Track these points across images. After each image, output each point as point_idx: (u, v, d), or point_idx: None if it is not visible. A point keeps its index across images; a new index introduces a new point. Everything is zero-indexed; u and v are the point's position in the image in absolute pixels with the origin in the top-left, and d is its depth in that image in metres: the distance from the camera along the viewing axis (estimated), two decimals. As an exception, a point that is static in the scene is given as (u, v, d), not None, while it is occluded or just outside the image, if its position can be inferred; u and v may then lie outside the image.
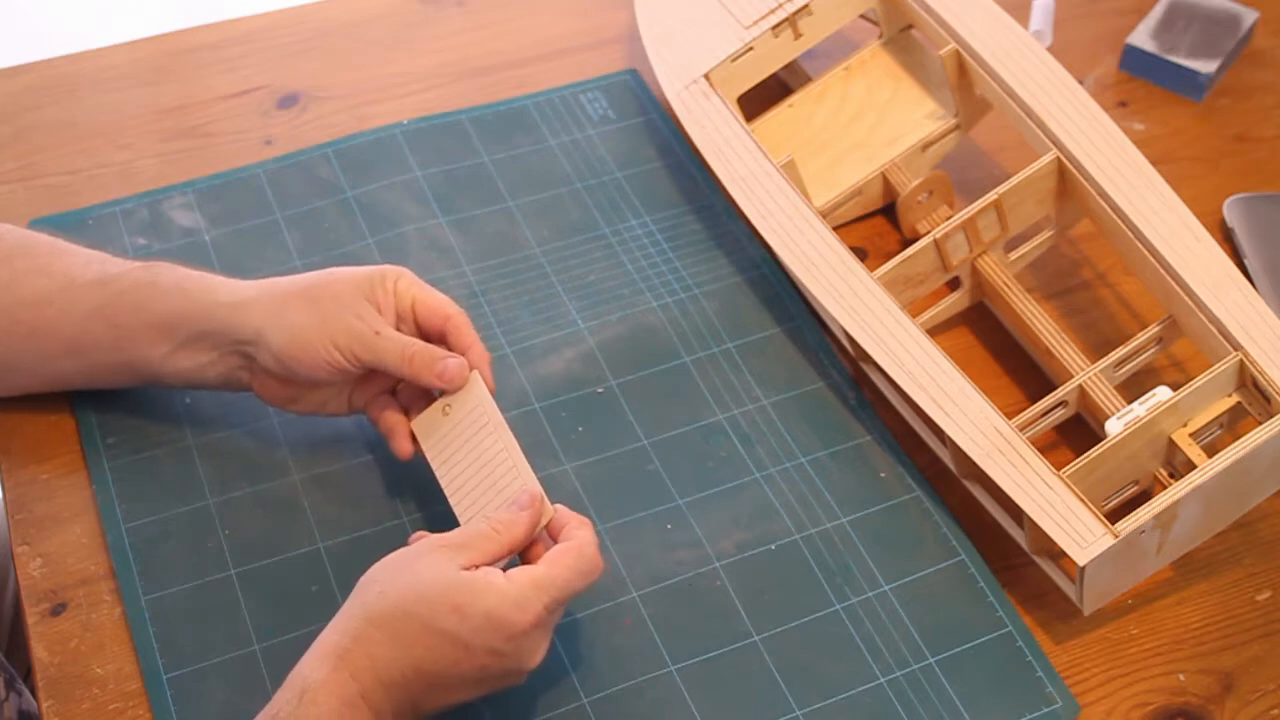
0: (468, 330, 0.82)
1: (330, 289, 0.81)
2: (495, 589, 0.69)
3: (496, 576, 0.70)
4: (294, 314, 0.80)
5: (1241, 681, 0.81)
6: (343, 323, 0.80)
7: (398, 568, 0.71)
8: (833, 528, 0.85)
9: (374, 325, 0.80)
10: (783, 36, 0.99)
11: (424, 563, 0.70)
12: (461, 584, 0.69)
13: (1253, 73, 1.14)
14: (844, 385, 0.92)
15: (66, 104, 1.06)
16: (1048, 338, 0.89)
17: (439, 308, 0.82)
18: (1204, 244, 0.84)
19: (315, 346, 0.79)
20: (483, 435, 0.79)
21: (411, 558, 0.71)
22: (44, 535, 0.83)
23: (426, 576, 0.70)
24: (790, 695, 0.78)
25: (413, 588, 0.69)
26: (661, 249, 0.99)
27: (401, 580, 0.70)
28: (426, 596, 0.69)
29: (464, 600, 0.69)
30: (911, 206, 0.98)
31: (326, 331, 0.80)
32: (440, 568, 0.70)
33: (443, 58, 1.11)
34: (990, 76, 0.92)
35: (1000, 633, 0.81)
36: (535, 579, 0.70)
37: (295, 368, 0.80)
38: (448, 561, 0.70)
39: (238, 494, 0.85)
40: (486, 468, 0.78)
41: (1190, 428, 0.81)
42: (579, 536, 0.74)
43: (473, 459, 0.79)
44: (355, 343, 0.80)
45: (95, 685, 0.77)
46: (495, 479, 0.78)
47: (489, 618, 0.69)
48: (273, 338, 0.80)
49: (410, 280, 0.83)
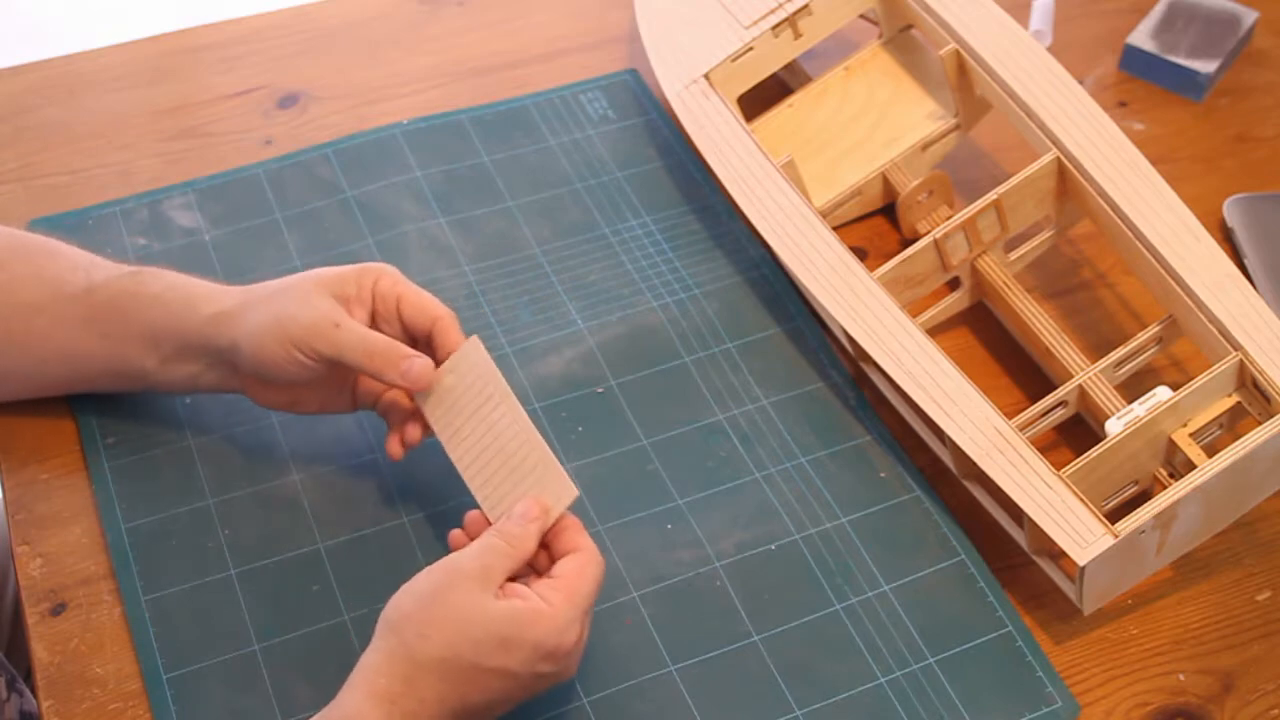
0: (456, 333, 0.80)
1: (295, 288, 0.79)
2: (539, 618, 0.69)
3: (534, 602, 0.70)
4: (256, 317, 0.79)
5: (1241, 681, 0.81)
6: (300, 319, 0.78)
7: (430, 602, 0.70)
8: (833, 528, 0.85)
9: (333, 318, 0.78)
10: (783, 36, 0.99)
11: (459, 599, 0.69)
12: (504, 619, 0.69)
13: (1253, 73, 1.14)
14: (844, 385, 0.92)
15: (66, 104, 1.06)
16: (1048, 338, 0.89)
17: (427, 308, 0.80)
18: (1204, 244, 0.84)
19: (273, 346, 0.78)
20: (489, 407, 0.77)
21: (443, 590, 0.70)
22: (44, 535, 0.83)
23: (467, 615, 0.69)
24: (790, 695, 0.78)
25: (457, 629, 0.69)
26: (661, 249, 0.99)
27: (440, 619, 0.69)
28: (472, 636, 0.68)
29: (510, 634, 0.69)
30: (911, 206, 0.98)
31: (283, 329, 0.78)
32: (477, 603, 0.69)
33: (443, 58, 1.11)
34: (990, 76, 0.92)
35: (1000, 633, 0.81)
36: (571, 597, 0.70)
37: (264, 371, 0.79)
38: (481, 593, 0.69)
39: (238, 494, 0.85)
40: (498, 441, 0.77)
41: (1190, 428, 0.81)
42: (583, 543, 0.74)
43: (482, 432, 0.77)
44: (314, 337, 0.78)
45: (95, 685, 0.77)
46: (507, 454, 0.76)
47: (537, 648, 0.69)
48: (243, 345, 0.79)
49: (394, 279, 0.81)
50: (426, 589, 0.70)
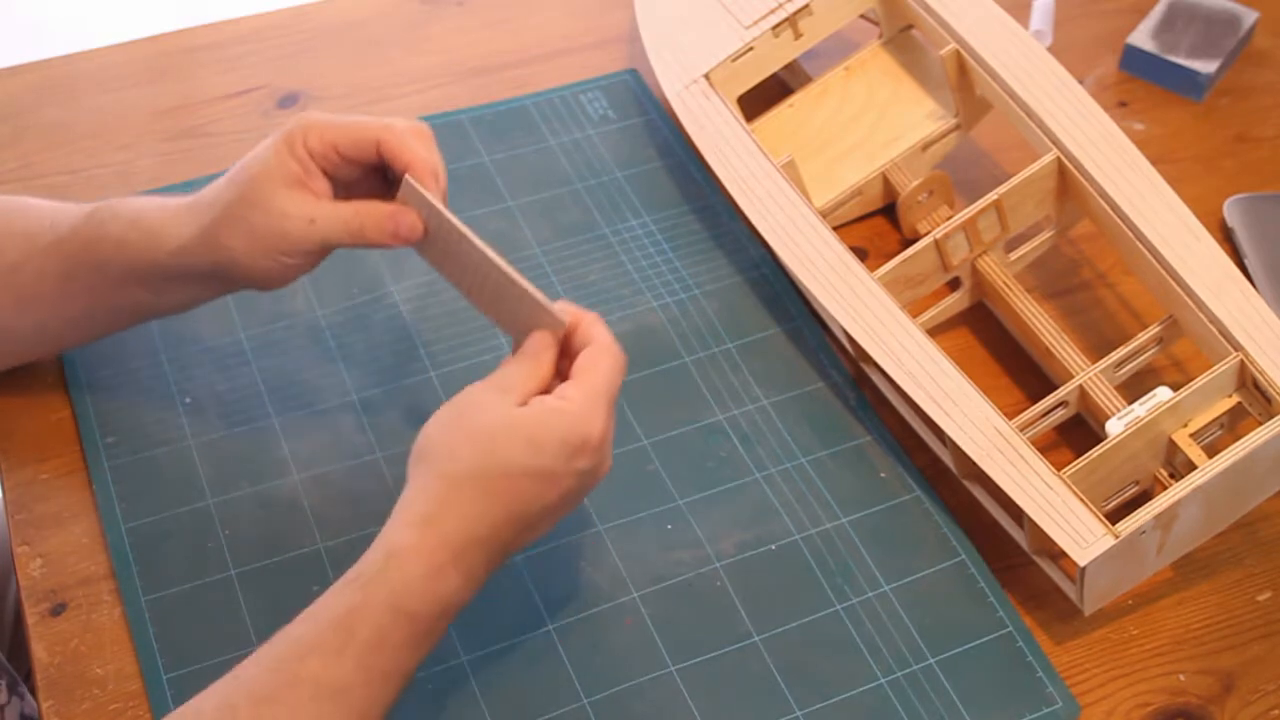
0: (405, 144, 0.75)
1: (252, 197, 0.76)
2: (560, 412, 0.69)
3: (554, 401, 0.70)
4: (231, 241, 0.76)
5: (1242, 682, 0.81)
6: (276, 230, 0.75)
7: (456, 425, 0.70)
8: (833, 528, 0.85)
9: (307, 213, 0.75)
10: (783, 36, 0.99)
11: (482, 412, 0.69)
12: (528, 419, 0.69)
13: (1253, 73, 1.14)
14: (844, 385, 0.92)
15: (66, 104, 1.06)
16: (1048, 338, 0.89)
17: (362, 138, 0.75)
18: (1204, 244, 0.84)
19: (262, 261, 0.76)
20: (457, 245, 0.75)
21: (465, 409, 0.70)
22: (44, 535, 0.83)
23: (492, 426, 0.69)
24: (790, 695, 0.78)
25: (484, 438, 0.69)
26: (661, 249, 0.99)
27: (468, 434, 0.69)
28: (499, 440, 0.68)
29: (535, 433, 0.69)
30: (911, 206, 0.98)
31: (264, 245, 0.76)
32: (500, 412, 0.69)
33: (443, 58, 1.11)
34: (990, 76, 0.92)
35: (1000, 633, 0.81)
36: (589, 389, 0.70)
37: (260, 281, 0.78)
38: (503, 403, 0.70)
39: (238, 494, 0.84)
40: (482, 279, 0.75)
41: (1190, 428, 0.81)
42: (596, 335, 0.73)
43: (469, 270, 0.76)
44: (297, 242, 0.76)
45: (95, 685, 0.77)
46: (497, 291, 0.75)
47: (565, 442, 0.69)
48: (229, 268, 0.77)
49: (320, 129, 0.75)
50: (450, 414, 0.70)
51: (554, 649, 0.79)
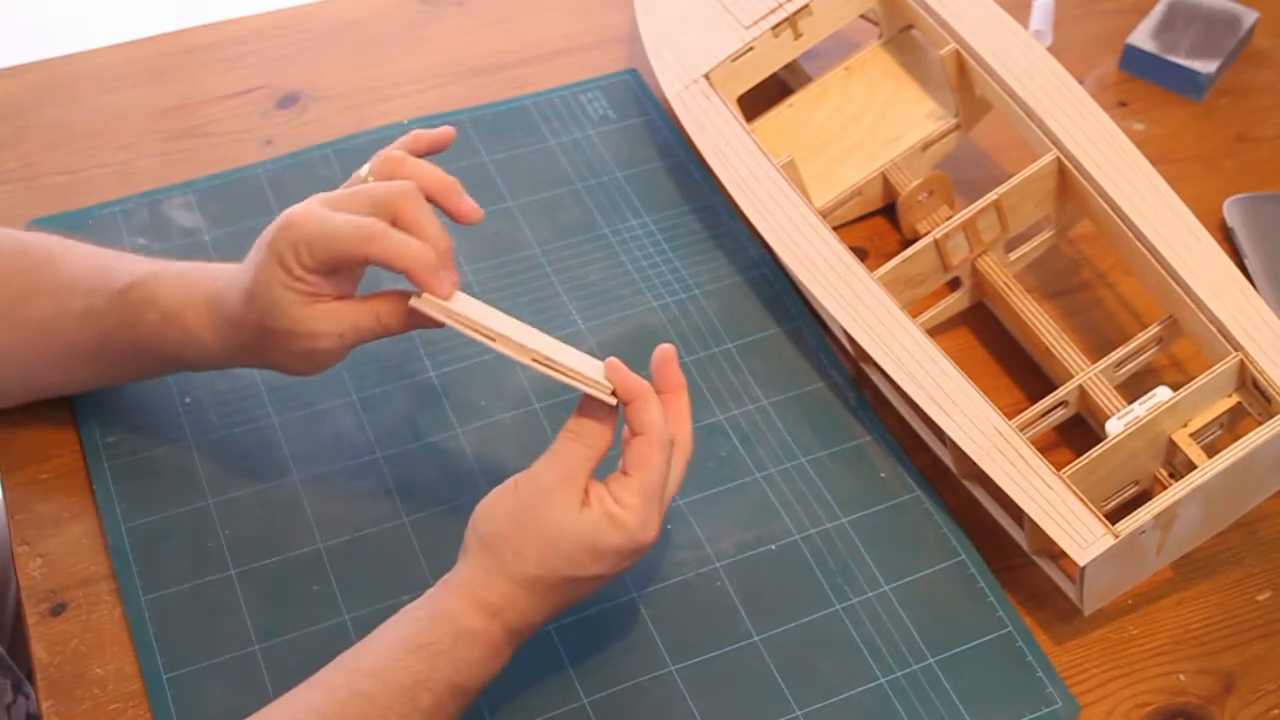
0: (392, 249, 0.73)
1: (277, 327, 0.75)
2: (619, 524, 0.71)
3: (610, 506, 0.72)
4: (271, 358, 0.78)
5: (1242, 682, 0.81)
6: (310, 349, 0.76)
7: (523, 522, 0.72)
8: (833, 528, 0.85)
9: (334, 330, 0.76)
10: (783, 36, 0.99)
11: (548, 515, 0.71)
12: (590, 530, 0.71)
13: (1253, 73, 1.14)
14: (844, 385, 0.92)
15: (66, 104, 1.06)
16: (1048, 338, 0.89)
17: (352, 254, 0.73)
18: (1204, 244, 0.84)
19: (304, 369, 0.78)
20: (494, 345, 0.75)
21: (534, 508, 0.72)
22: (44, 535, 0.83)
23: (558, 532, 0.71)
24: (790, 695, 0.78)
25: (549, 546, 0.71)
26: (661, 249, 0.99)
27: (534, 537, 0.71)
28: (564, 551, 0.71)
29: (597, 545, 0.71)
30: (911, 206, 0.98)
31: (304, 364, 0.78)
32: (566, 519, 0.71)
33: (443, 58, 1.11)
34: (990, 76, 0.92)
35: (1000, 633, 0.81)
36: (645, 494, 0.72)
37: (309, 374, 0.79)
38: (568, 506, 0.71)
39: (238, 494, 0.84)
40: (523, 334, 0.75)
41: (1190, 428, 0.81)
42: (648, 422, 0.73)
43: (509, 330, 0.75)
44: (332, 354, 0.77)
45: (95, 685, 0.77)
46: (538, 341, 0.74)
47: (620, 551, 0.72)
48: (268, 368, 0.80)
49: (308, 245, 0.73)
50: (516, 508, 0.72)
51: (554, 649, 0.79)
